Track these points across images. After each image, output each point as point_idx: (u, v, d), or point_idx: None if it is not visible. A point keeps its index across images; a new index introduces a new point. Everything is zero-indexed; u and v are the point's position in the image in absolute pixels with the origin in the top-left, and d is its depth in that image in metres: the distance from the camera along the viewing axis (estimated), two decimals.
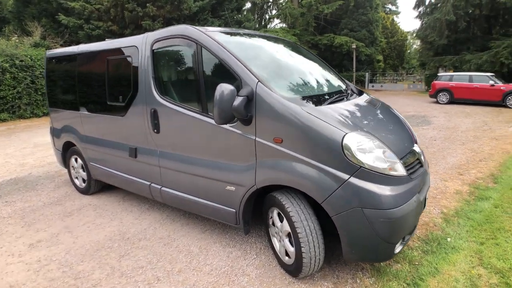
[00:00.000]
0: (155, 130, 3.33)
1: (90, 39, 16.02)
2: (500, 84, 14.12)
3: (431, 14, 23.69)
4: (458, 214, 3.91)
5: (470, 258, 3.01)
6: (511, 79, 16.83)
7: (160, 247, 3.31)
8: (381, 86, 28.82)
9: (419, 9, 26.13)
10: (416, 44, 51.34)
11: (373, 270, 2.88)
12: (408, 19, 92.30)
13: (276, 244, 2.96)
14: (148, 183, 3.65)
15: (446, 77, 16.25)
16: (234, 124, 2.72)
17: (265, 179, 2.66)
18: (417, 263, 2.97)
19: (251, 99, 2.57)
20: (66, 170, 6.02)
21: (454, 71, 20.37)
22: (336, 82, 3.59)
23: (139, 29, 16.45)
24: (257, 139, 2.63)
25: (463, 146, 7.25)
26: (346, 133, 2.32)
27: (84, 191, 4.83)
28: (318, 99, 2.86)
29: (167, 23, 17.15)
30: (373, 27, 29.56)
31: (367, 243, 2.35)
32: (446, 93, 15.84)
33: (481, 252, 3.09)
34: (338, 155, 2.29)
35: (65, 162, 5.12)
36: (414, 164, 2.79)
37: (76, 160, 4.85)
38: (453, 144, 7.53)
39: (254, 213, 3.12)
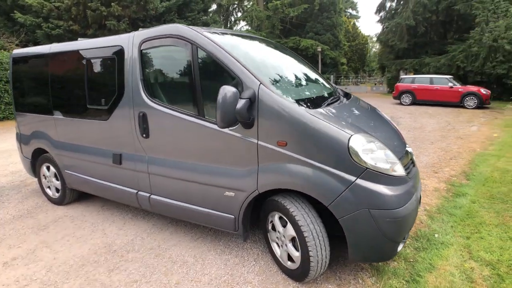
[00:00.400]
0: (144, 135, 3.15)
1: (49, 38, 15.03)
2: (458, 86, 15.11)
3: (392, 19, 24.92)
4: (440, 211, 4.08)
5: (460, 253, 3.14)
6: (466, 81, 18.11)
7: (151, 259, 3.13)
8: (345, 88, 29.79)
9: (380, 14, 27.46)
10: (375, 48, 53.81)
11: (372, 269, 2.91)
12: (367, 24, 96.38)
13: (277, 250, 2.91)
14: (135, 191, 3.45)
15: (409, 80, 17.12)
16: (235, 127, 2.63)
17: (268, 183, 2.59)
18: (411, 260, 3.04)
19: (253, 102, 2.50)
20: (34, 179, 5.58)
21: (414, 74, 21.57)
22: (326, 84, 3.61)
23: (102, 29, 15.71)
24: (259, 142, 2.56)
25: (433, 146, 7.63)
26: (352, 135, 2.33)
27: (58, 202, 4.48)
28: (316, 101, 2.86)
29: (133, 23, 16.56)
30: (337, 31, 30.48)
31: (373, 243, 2.37)
32: (409, 95, 16.68)
33: (469, 246, 3.23)
34: (345, 157, 2.29)
35: (35, 171, 4.72)
36: (409, 164, 2.86)
37: (48, 168, 4.49)
38: (423, 143, 7.90)
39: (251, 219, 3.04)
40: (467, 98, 14.69)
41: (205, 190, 2.94)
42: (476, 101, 14.47)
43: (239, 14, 37.14)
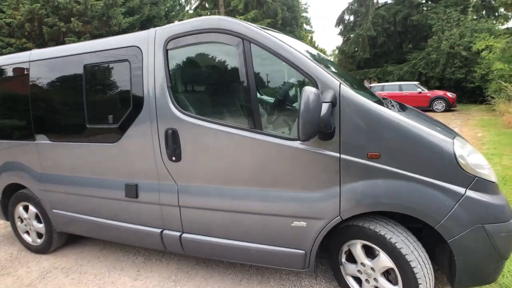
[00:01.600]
0: (173, 158, 2.47)
1: None
2: (426, 91, 15.75)
3: (352, 31, 25.93)
4: None
5: None
6: (428, 87, 19.03)
7: None
8: None
9: (340, 27, 28.51)
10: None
11: None
12: (321, 38, 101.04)
13: (354, 285, 2.38)
14: (159, 230, 2.71)
15: (379, 88, 17.51)
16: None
17: (355, 206, 2.09)
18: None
19: (334, 106, 2.00)
20: (2, 223, 4.51)
21: (378, 82, 22.37)
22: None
23: None
24: (342, 156, 2.06)
25: None
26: (453, 139, 1.99)
27: (41, 250, 3.54)
28: (387, 105, 2.41)
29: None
30: None
31: (484, 263, 2.03)
32: None
33: None
34: (451, 165, 1.93)
35: (6, 212, 3.74)
36: None
37: (26, 208, 3.55)
38: None
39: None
40: (435, 102, 15.31)
41: (264, 222, 2.33)
42: (444, 104, 15.12)
43: None
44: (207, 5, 28.44)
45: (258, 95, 2.83)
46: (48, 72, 3.06)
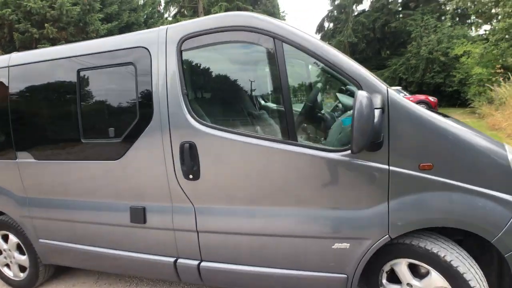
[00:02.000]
0: (191, 176, 2.12)
1: None
2: (408, 96, 16.01)
3: (332, 37, 26.31)
4: None
5: None
6: (409, 91, 19.45)
7: None
8: None
9: (320, 34, 28.91)
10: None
11: None
12: None
13: None
14: (172, 259, 2.34)
15: None
16: (349, 151, 1.84)
17: (406, 223, 1.90)
18: None
19: (382, 113, 1.78)
20: None
21: None
22: None
23: None
24: (391, 168, 1.85)
25: None
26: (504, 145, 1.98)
27: (25, 285, 3.05)
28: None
29: None
30: None
31: None
32: None
33: None
34: (507, 173, 1.82)
35: None
36: None
37: (5, 238, 3.07)
38: None
39: None
40: None
41: (300, 245, 2.07)
42: (426, 108, 15.40)
43: None
44: (186, 12, 28.14)
45: (263, 102, 2.57)
46: (31, 78, 2.64)
